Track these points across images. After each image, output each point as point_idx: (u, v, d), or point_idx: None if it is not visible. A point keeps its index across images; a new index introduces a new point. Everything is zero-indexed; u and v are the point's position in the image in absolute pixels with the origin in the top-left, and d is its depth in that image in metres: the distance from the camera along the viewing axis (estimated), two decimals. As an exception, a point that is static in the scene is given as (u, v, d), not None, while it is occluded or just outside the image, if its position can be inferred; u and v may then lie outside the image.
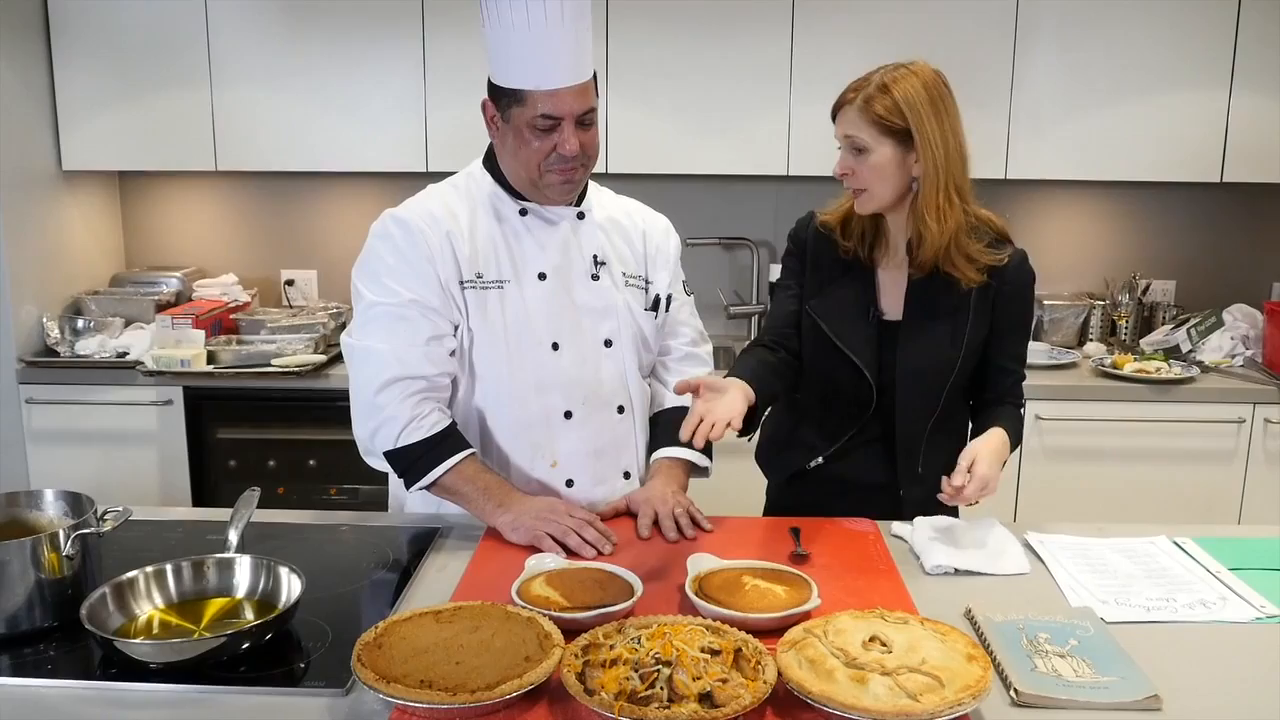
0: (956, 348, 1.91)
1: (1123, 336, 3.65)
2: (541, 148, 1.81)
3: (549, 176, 1.85)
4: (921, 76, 1.81)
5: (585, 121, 1.82)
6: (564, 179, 1.85)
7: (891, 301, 1.95)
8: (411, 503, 2.01)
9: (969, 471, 1.74)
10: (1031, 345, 3.43)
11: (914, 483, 1.97)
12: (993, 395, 1.98)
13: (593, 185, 2.03)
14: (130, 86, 3.43)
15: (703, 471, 2.07)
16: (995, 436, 1.84)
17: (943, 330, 1.90)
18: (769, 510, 2.17)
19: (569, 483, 1.97)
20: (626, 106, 3.37)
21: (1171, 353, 3.46)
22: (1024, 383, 2.01)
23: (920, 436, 1.95)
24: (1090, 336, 3.67)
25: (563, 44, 1.76)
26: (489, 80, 1.85)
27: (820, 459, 2.01)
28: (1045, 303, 3.65)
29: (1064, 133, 3.37)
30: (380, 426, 1.84)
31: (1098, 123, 3.36)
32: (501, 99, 1.83)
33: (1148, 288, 3.72)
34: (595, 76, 1.84)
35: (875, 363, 1.92)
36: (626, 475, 2.02)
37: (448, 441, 1.85)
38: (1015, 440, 1.92)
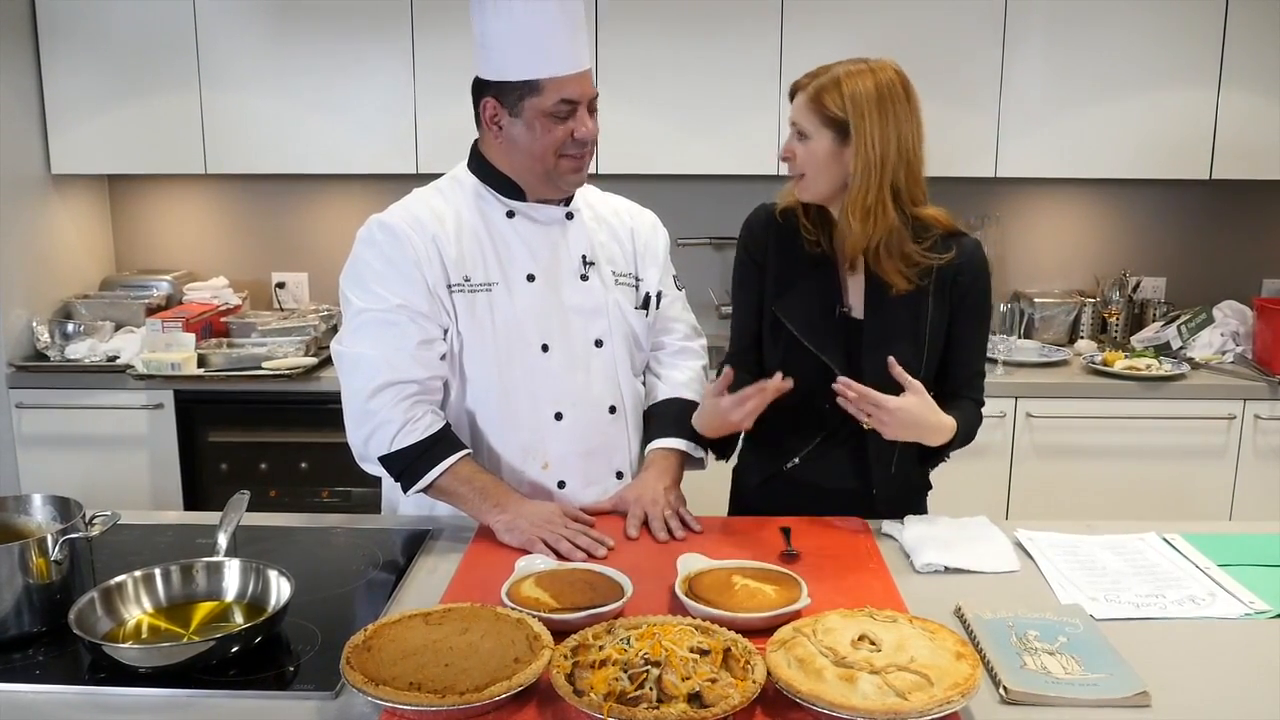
0: (919, 344, 1.90)
1: (1113, 334, 3.66)
2: (558, 136, 1.83)
3: (563, 164, 1.86)
4: (878, 76, 1.80)
5: (593, 108, 1.87)
6: (577, 166, 1.88)
7: (856, 298, 1.93)
8: (405, 505, 2.00)
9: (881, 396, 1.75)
10: (1022, 342, 3.48)
11: (887, 483, 1.97)
12: (950, 388, 1.94)
13: None
14: (119, 89, 3.42)
15: (698, 463, 2.06)
16: (940, 413, 1.81)
17: (904, 327, 1.89)
18: (743, 513, 2.11)
19: (560, 484, 1.97)
20: (617, 107, 3.36)
21: (1162, 350, 3.47)
22: (985, 379, 1.99)
23: (890, 443, 1.90)
24: (1081, 334, 3.68)
25: (571, 30, 1.81)
26: (484, 80, 1.86)
27: (796, 460, 1.99)
28: (1036, 300, 3.66)
29: (1053, 130, 3.37)
30: (374, 432, 1.84)
31: (1087, 120, 3.36)
32: (511, 94, 1.83)
33: (1138, 285, 3.73)
34: None
35: (844, 362, 1.90)
36: (619, 475, 2.02)
37: (442, 443, 1.85)
38: (966, 434, 1.90)
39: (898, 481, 1.98)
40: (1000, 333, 3.32)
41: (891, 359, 1.78)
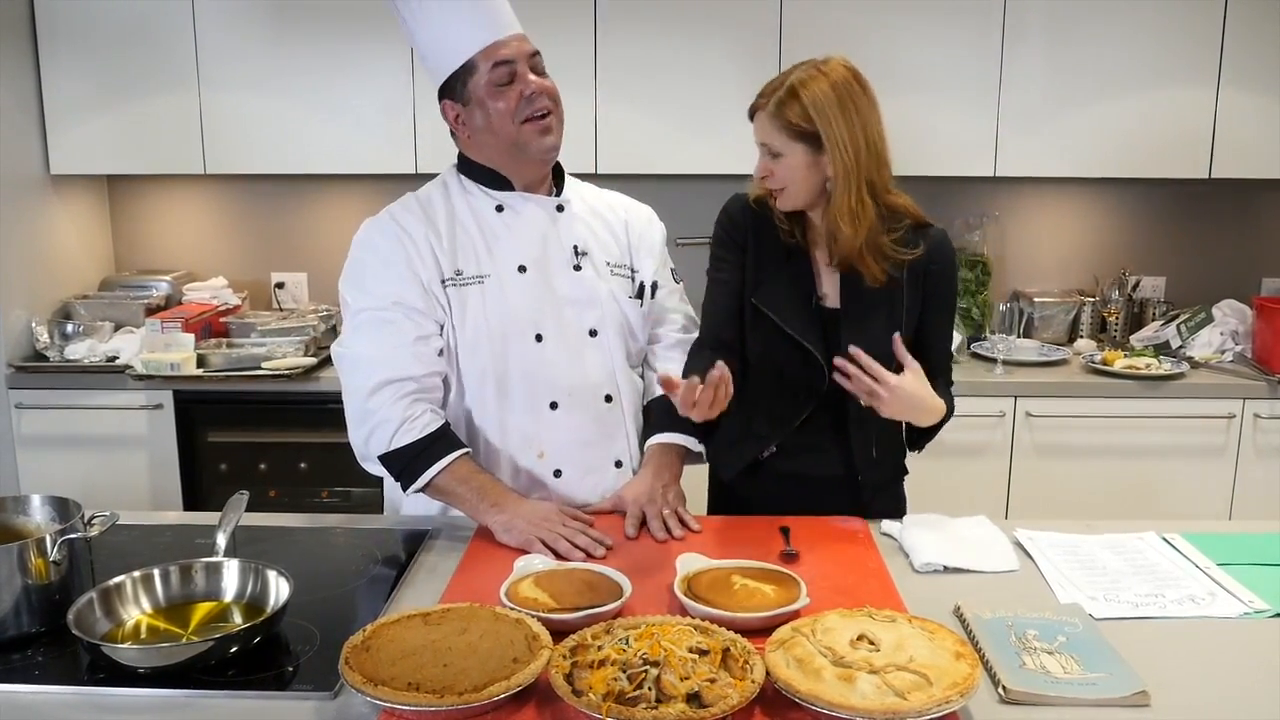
0: (896, 332, 1.88)
1: (1113, 333, 3.66)
2: (509, 103, 1.86)
3: (526, 131, 1.88)
4: (831, 77, 1.82)
5: (537, 67, 1.89)
6: (541, 129, 1.89)
7: (829, 289, 1.95)
8: (408, 505, 2.01)
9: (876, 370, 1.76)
10: (1021, 342, 3.47)
11: (870, 468, 1.98)
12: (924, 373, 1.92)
13: (572, 179, 2.06)
14: (118, 90, 3.42)
15: (697, 457, 2.08)
16: (934, 394, 1.84)
17: (881, 317, 1.90)
18: (717, 509, 2.14)
19: (557, 473, 1.97)
20: (615, 106, 3.37)
21: (1161, 349, 3.47)
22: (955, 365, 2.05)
23: (874, 421, 1.90)
24: (1080, 333, 3.67)
25: (484, 2, 1.86)
26: (439, 90, 1.92)
27: (774, 447, 2.00)
28: (1035, 299, 3.66)
29: (1052, 130, 3.37)
30: (374, 431, 1.85)
31: (1086, 119, 3.36)
32: (456, 85, 1.89)
33: (1137, 284, 3.72)
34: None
35: (824, 349, 1.91)
36: (618, 464, 2.03)
37: (441, 442, 1.86)
38: (950, 415, 1.93)
39: (880, 467, 1.99)
40: (999, 332, 3.32)
41: (896, 336, 1.80)
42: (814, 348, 1.91)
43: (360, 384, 1.86)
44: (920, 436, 2.00)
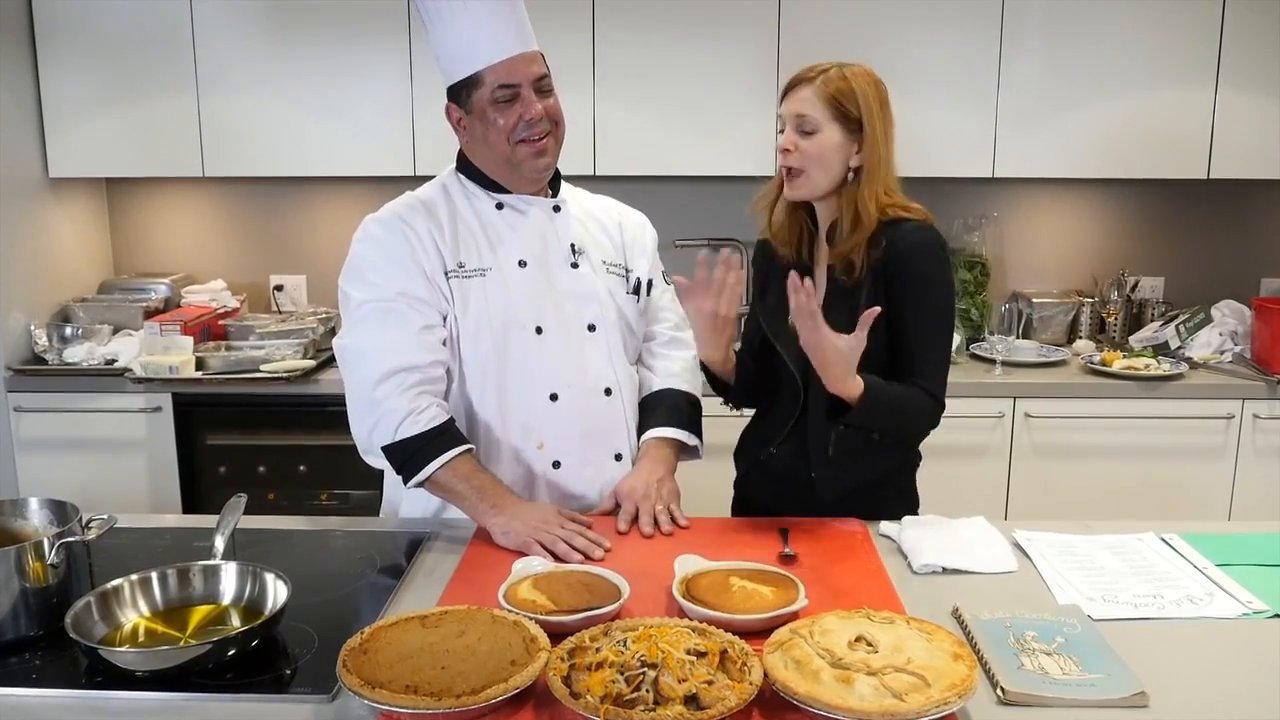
0: (852, 330, 1.82)
1: (1111, 333, 3.66)
2: (508, 122, 1.88)
3: (521, 150, 1.90)
4: (874, 80, 1.90)
5: (543, 89, 1.91)
6: (536, 150, 1.91)
7: (821, 295, 1.95)
8: (406, 507, 2.01)
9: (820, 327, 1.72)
10: (1020, 342, 3.47)
11: (826, 467, 1.93)
12: (896, 375, 1.88)
13: (567, 184, 2.08)
14: (117, 93, 3.42)
15: (693, 452, 2.09)
16: (853, 372, 1.76)
17: (843, 320, 1.80)
18: (735, 502, 2.19)
19: (556, 464, 1.99)
20: (614, 108, 3.37)
21: (1160, 349, 3.47)
22: (937, 369, 1.91)
23: (829, 428, 1.88)
24: (1079, 334, 3.67)
25: (502, 18, 1.86)
26: (447, 90, 1.94)
27: (772, 449, 2.03)
28: (1034, 300, 3.66)
29: (1051, 130, 3.37)
30: (378, 421, 1.86)
31: (1084, 120, 3.36)
32: (461, 93, 1.91)
33: (1136, 284, 3.72)
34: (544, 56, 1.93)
35: (803, 359, 1.84)
36: (618, 458, 2.04)
37: (444, 436, 1.86)
38: (891, 408, 1.84)
39: (842, 471, 1.93)
40: (998, 333, 3.32)
41: (877, 310, 1.73)
42: (790, 357, 1.93)
43: (366, 375, 1.86)
44: (842, 409, 1.83)
